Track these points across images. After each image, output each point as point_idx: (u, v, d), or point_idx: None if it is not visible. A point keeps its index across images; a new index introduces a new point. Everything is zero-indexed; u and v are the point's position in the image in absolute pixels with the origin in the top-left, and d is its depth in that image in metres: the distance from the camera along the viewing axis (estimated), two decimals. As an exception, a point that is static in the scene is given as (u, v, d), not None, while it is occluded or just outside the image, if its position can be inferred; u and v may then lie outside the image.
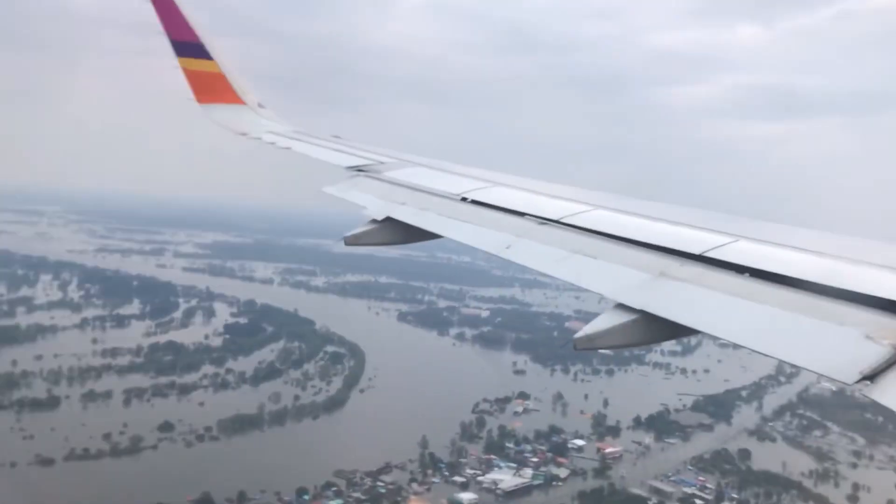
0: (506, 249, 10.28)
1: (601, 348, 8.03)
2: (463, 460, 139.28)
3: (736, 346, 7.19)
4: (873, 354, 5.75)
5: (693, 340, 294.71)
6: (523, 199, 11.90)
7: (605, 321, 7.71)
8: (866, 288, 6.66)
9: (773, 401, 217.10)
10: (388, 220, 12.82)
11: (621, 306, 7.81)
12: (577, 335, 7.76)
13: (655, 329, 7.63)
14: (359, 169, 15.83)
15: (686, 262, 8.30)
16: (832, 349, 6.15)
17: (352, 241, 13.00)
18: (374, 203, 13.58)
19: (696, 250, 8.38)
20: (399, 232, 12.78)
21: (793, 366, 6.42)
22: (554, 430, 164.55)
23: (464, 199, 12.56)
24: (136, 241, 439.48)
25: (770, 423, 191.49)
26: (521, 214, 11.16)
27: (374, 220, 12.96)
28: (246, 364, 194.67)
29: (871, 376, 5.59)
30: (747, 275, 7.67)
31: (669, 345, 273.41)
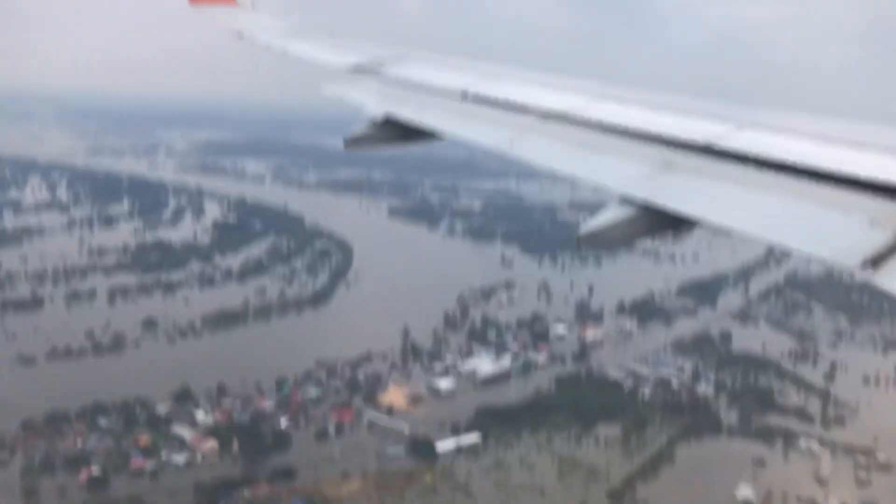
0: (509, 146, 10.09)
1: (605, 244, 7.92)
2: (444, 348, 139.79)
3: (730, 234, 7.25)
4: (878, 240, 5.71)
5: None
6: (526, 93, 11.60)
7: (609, 216, 7.66)
8: (872, 173, 6.52)
9: (760, 284, 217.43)
10: (388, 119, 12.48)
11: (625, 200, 7.73)
12: (581, 231, 7.67)
13: (660, 222, 7.59)
14: (357, 67, 15.37)
15: (691, 153, 8.15)
16: (837, 236, 6.06)
17: (351, 142, 12.69)
18: (374, 102, 13.20)
19: (700, 141, 8.22)
20: (399, 132, 12.47)
21: (798, 253, 6.37)
22: (537, 317, 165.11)
23: (465, 95, 12.21)
24: (128, 142, 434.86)
25: (754, 306, 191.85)
26: (524, 109, 10.90)
27: (374, 121, 12.62)
28: (233, 261, 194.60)
29: (875, 262, 5.53)
30: (752, 164, 7.53)
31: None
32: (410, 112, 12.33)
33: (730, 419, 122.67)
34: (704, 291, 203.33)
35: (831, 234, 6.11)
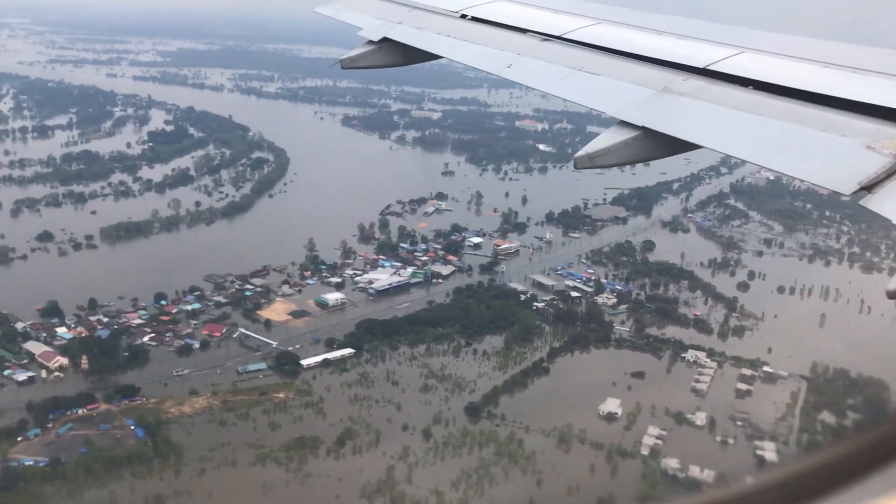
0: (507, 69, 9.96)
1: (602, 167, 7.89)
2: (348, 261, 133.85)
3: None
4: (873, 164, 5.64)
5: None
6: (525, 14, 11.30)
7: (607, 139, 7.63)
8: (869, 97, 6.43)
9: (704, 192, 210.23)
10: (385, 40, 12.15)
11: (623, 123, 7.70)
12: (578, 154, 7.64)
13: (657, 145, 7.58)
14: None
15: (690, 76, 8.11)
16: (832, 160, 6.04)
17: (348, 63, 12.42)
18: (371, 23, 12.82)
19: (700, 63, 8.17)
20: (397, 53, 12.19)
21: (791, 177, 6.52)
22: (457, 228, 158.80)
23: (463, 17, 11.91)
24: (96, 52, 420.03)
25: (690, 214, 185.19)
26: (523, 31, 10.70)
27: (371, 42, 12.29)
28: (160, 172, 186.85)
29: (870, 186, 5.49)
30: (751, 87, 7.48)
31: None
32: (408, 33, 11.92)
33: (622, 331, 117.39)
34: (643, 200, 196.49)
35: (827, 159, 6.02)
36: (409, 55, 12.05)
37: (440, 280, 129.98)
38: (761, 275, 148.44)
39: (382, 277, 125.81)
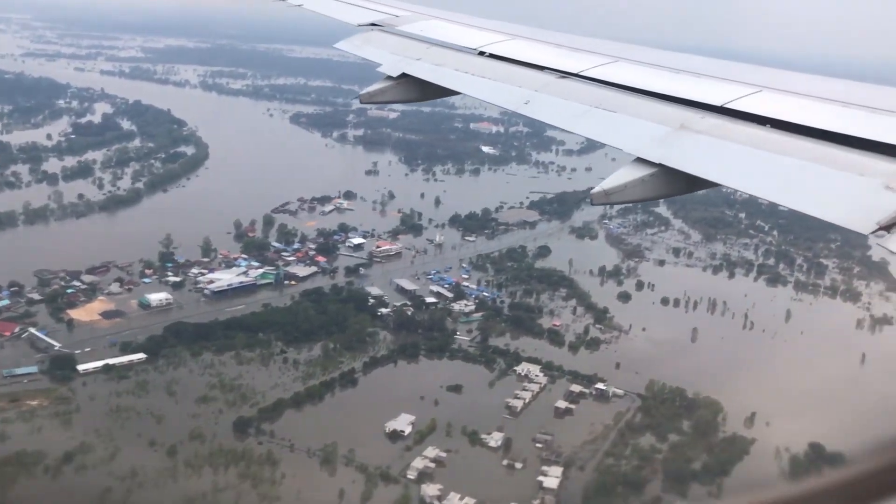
0: (524, 105, 9.81)
1: (618, 203, 7.96)
2: (205, 260, 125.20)
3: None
4: (892, 204, 5.52)
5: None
6: (542, 52, 11.20)
7: (624, 175, 7.54)
8: (888, 137, 6.32)
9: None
10: (404, 76, 12.13)
11: (640, 160, 7.59)
12: (595, 190, 7.51)
13: (674, 182, 7.47)
14: (373, 23, 14.71)
15: (707, 114, 7.94)
16: (851, 199, 5.90)
17: (367, 99, 12.57)
18: (389, 59, 12.81)
19: (717, 102, 8.01)
20: (415, 88, 12.14)
21: (810, 217, 6.01)
22: (344, 228, 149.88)
23: (481, 54, 11.85)
24: (80, 47, 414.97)
25: (605, 221, 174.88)
26: (541, 68, 10.55)
27: (390, 77, 12.26)
28: (66, 164, 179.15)
29: (889, 226, 5.37)
30: (769, 126, 7.37)
31: (568, 146, 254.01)
32: (426, 69, 11.84)
33: (464, 340, 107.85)
34: (564, 205, 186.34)
35: (845, 198, 5.86)
36: (427, 91, 11.99)
37: (293, 282, 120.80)
38: (650, 285, 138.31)
39: (225, 278, 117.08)
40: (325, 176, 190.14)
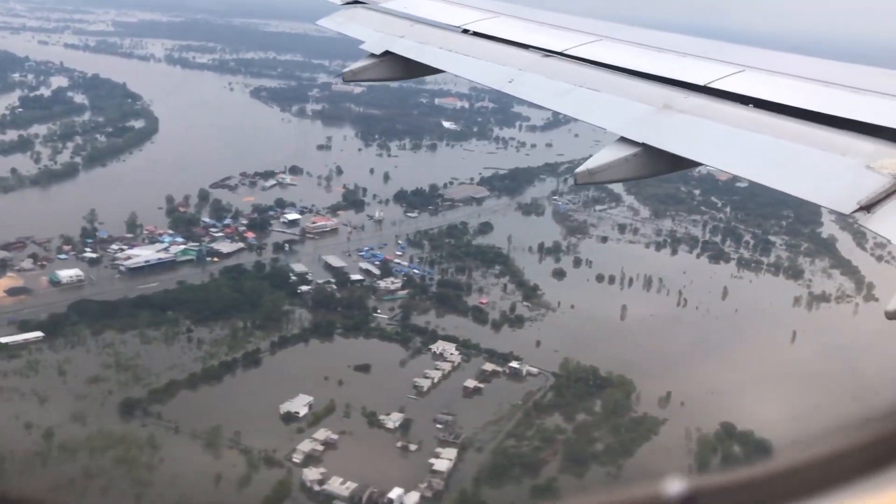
0: (508, 84, 9.77)
1: (602, 182, 7.60)
2: (129, 235, 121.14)
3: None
4: (873, 184, 5.55)
5: (561, 116, 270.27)
6: (527, 30, 11.07)
7: (607, 155, 7.46)
8: (870, 117, 6.35)
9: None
10: (387, 54, 11.89)
11: (624, 139, 7.53)
12: (579, 170, 7.46)
13: (657, 162, 7.41)
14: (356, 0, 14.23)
15: (691, 93, 7.95)
16: (832, 179, 5.92)
17: (350, 77, 12.26)
18: (373, 36, 12.49)
19: (701, 81, 8.02)
20: (398, 66, 11.98)
21: (792, 196, 6.10)
22: (280, 204, 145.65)
23: (465, 31, 11.67)
24: (50, 20, 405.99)
25: (555, 197, 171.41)
26: (525, 46, 10.46)
27: (373, 55, 12.00)
28: (9, 137, 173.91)
29: (869, 206, 5.41)
30: (751, 106, 7.36)
31: (532, 122, 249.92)
32: (410, 47, 11.70)
33: (382, 318, 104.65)
34: (515, 181, 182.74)
35: (827, 178, 5.88)
36: (410, 69, 11.90)
37: (215, 259, 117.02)
38: (588, 262, 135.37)
39: (144, 254, 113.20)
40: (274, 150, 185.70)
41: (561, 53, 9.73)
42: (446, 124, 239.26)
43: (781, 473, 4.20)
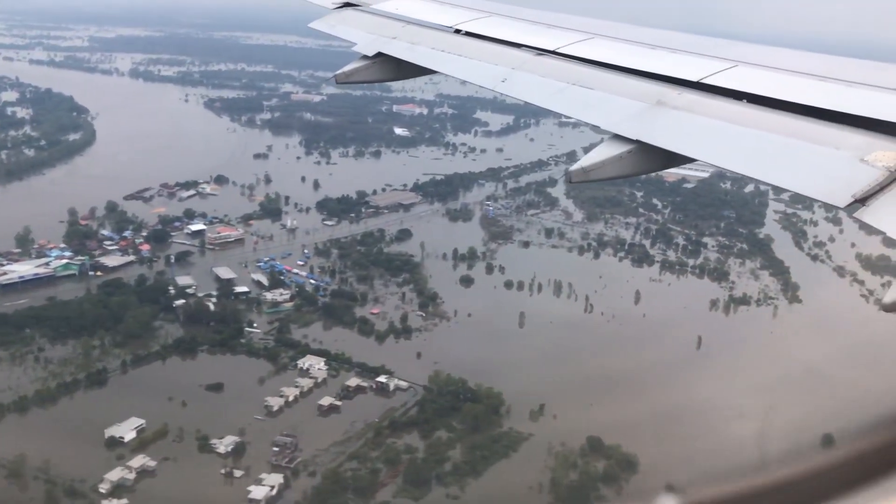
0: (501, 83, 9.74)
1: (597, 180, 7.55)
2: (16, 251, 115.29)
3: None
4: (867, 177, 5.50)
5: (521, 121, 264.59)
6: (520, 29, 10.96)
7: (601, 153, 7.43)
8: (863, 110, 6.31)
9: (538, 177, 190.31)
10: (380, 55, 11.79)
11: (617, 136, 7.49)
12: (573, 168, 7.43)
13: (651, 159, 7.40)
14: (347, 2, 14.15)
15: (684, 89, 7.86)
16: (827, 173, 5.85)
17: (343, 78, 12.11)
18: (365, 38, 12.41)
19: (694, 77, 7.92)
20: (391, 68, 11.89)
21: (786, 190, 6.11)
22: (189, 214, 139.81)
23: (458, 32, 11.58)
24: (24, 38, 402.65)
25: (487, 202, 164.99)
26: (518, 45, 10.36)
27: (366, 56, 11.89)
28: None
29: (864, 199, 5.35)
30: (745, 101, 7.27)
31: (490, 127, 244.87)
32: (402, 48, 11.64)
33: (256, 333, 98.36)
34: (450, 186, 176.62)
35: (821, 172, 5.81)
36: (403, 70, 11.76)
37: (99, 273, 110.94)
38: (501, 268, 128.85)
39: (21, 270, 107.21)
40: (207, 160, 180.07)
41: (553, 52, 9.61)
42: (398, 131, 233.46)
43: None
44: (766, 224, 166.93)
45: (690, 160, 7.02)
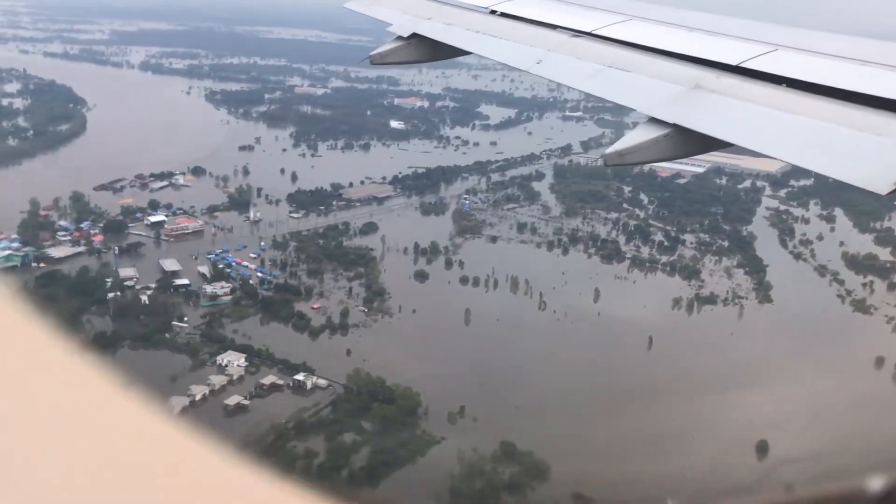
0: (537, 65, 9.54)
1: (632, 164, 7.46)
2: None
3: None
4: None
5: (531, 114, 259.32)
6: (555, 10, 10.80)
7: (637, 136, 7.27)
8: None
9: (525, 171, 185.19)
10: (415, 36, 11.65)
11: (654, 120, 7.33)
12: (608, 151, 7.32)
13: (688, 143, 7.22)
14: None
15: (722, 73, 7.68)
16: (867, 159, 5.71)
17: (377, 59, 11.96)
18: (399, 19, 12.28)
19: (732, 61, 7.72)
20: (426, 49, 11.67)
21: (826, 177, 5.90)
22: (154, 205, 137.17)
23: (493, 12, 11.40)
24: (46, 31, 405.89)
25: (464, 196, 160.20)
26: (554, 27, 10.17)
27: (400, 37, 11.74)
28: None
29: None
30: (784, 85, 7.09)
31: (492, 121, 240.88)
32: (437, 29, 11.48)
33: (183, 327, 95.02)
34: (431, 179, 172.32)
35: (862, 158, 5.69)
36: (437, 51, 11.44)
37: (42, 264, 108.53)
38: (461, 263, 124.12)
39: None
40: (191, 152, 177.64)
41: (590, 34, 9.42)
42: (394, 124, 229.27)
43: None
44: (754, 221, 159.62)
45: (727, 145, 6.87)
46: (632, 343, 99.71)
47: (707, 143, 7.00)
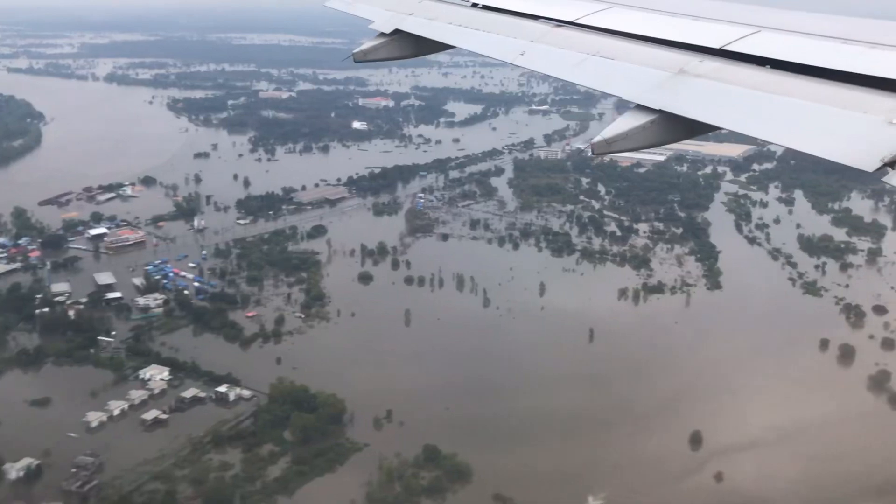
0: (520, 56, 9.34)
1: (620, 151, 7.31)
2: None
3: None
4: (895, 140, 5.23)
5: (498, 109, 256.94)
6: (537, 1, 10.61)
7: (624, 124, 7.18)
8: (890, 72, 6.01)
9: (485, 167, 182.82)
10: (397, 32, 11.45)
11: (640, 107, 7.22)
12: (595, 139, 7.15)
13: (675, 128, 7.15)
14: None
15: (706, 57, 7.51)
16: (854, 137, 5.63)
17: (360, 57, 11.53)
18: (382, 16, 12.11)
19: (716, 44, 7.56)
20: (409, 44, 11.46)
21: (813, 156, 5.79)
22: (97, 218, 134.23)
23: (475, 5, 11.33)
24: (13, 47, 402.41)
25: (420, 194, 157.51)
26: (536, 18, 10.01)
27: (383, 34, 11.56)
28: None
29: (893, 163, 5.10)
30: (769, 67, 6.99)
31: (457, 118, 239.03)
32: (419, 24, 11.33)
33: (109, 341, 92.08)
34: (388, 179, 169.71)
35: (848, 136, 5.63)
36: (420, 46, 11.31)
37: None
38: (408, 263, 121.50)
39: None
40: (144, 162, 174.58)
41: (572, 23, 9.31)
42: (356, 125, 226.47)
43: None
44: (711, 208, 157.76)
45: (714, 129, 6.80)
46: (571, 337, 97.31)
47: (693, 128, 6.87)
